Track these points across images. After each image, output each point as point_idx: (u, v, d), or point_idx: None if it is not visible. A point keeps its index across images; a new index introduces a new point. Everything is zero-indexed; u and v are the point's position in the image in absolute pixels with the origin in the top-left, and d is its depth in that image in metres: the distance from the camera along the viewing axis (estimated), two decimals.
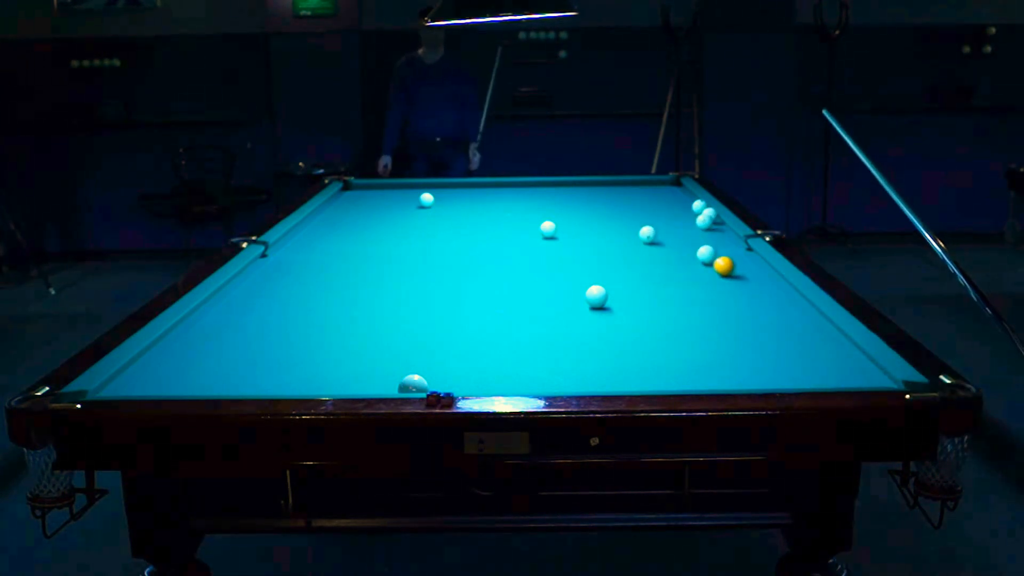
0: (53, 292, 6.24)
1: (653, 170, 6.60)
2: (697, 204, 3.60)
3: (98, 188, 7.25)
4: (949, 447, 1.69)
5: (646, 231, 3.17)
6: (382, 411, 1.70)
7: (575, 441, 1.68)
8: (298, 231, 3.45)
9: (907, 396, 1.71)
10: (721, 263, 2.72)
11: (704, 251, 2.85)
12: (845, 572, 1.95)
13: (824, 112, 3.34)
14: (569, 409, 1.69)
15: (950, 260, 2.66)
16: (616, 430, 1.68)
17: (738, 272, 2.73)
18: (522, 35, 7.25)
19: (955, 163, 7.16)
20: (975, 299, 2.62)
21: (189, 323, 2.32)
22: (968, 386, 1.72)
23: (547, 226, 3.30)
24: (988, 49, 7.25)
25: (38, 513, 1.72)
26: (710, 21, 6.83)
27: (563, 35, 7.26)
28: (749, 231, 3.14)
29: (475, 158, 6.03)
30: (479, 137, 6.03)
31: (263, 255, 3.03)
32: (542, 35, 7.26)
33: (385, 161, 6.03)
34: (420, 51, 6.01)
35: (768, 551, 2.23)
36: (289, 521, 1.92)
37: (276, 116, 7.16)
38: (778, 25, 6.87)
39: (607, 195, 4.21)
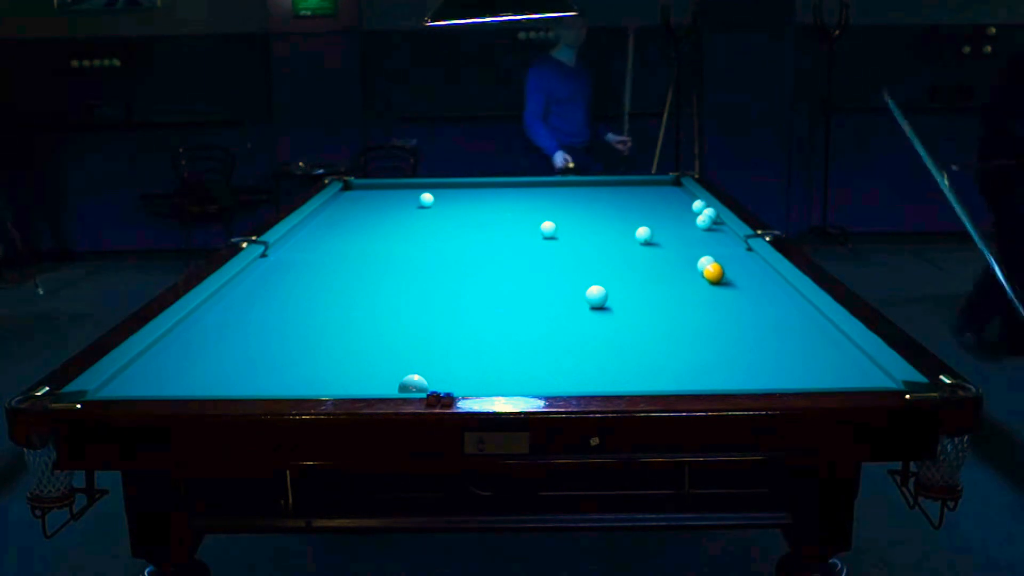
0: (41, 292, 6.24)
1: (653, 170, 6.60)
2: (697, 204, 3.59)
3: (98, 188, 7.25)
4: (949, 447, 1.69)
5: (642, 232, 3.17)
6: (382, 411, 1.70)
7: (575, 441, 1.68)
8: (298, 231, 3.45)
9: (907, 396, 1.71)
10: (711, 270, 2.62)
11: (705, 262, 2.72)
12: (845, 572, 1.95)
13: (886, 97, 3.25)
14: (569, 409, 1.69)
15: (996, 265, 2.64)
16: (616, 430, 1.68)
17: (738, 272, 2.72)
18: (522, 35, 7.26)
19: (955, 163, 7.15)
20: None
21: (189, 323, 2.31)
22: (968, 386, 1.72)
23: (547, 226, 3.30)
24: (988, 49, 7.25)
25: (38, 513, 1.72)
26: (710, 21, 6.84)
27: None
28: (749, 231, 3.14)
29: (626, 145, 5.76)
30: (626, 125, 5.80)
31: (263, 255, 3.03)
32: (542, 35, 7.26)
33: (563, 154, 5.44)
34: (554, 52, 5.65)
35: (768, 551, 2.23)
36: (289, 521, 1.92)
37: (276, 116, 7.16)
38: (778, 25, 6.87)
39: (607, 195, 4.20)
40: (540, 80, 5.57)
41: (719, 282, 2.62)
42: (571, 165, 5.40)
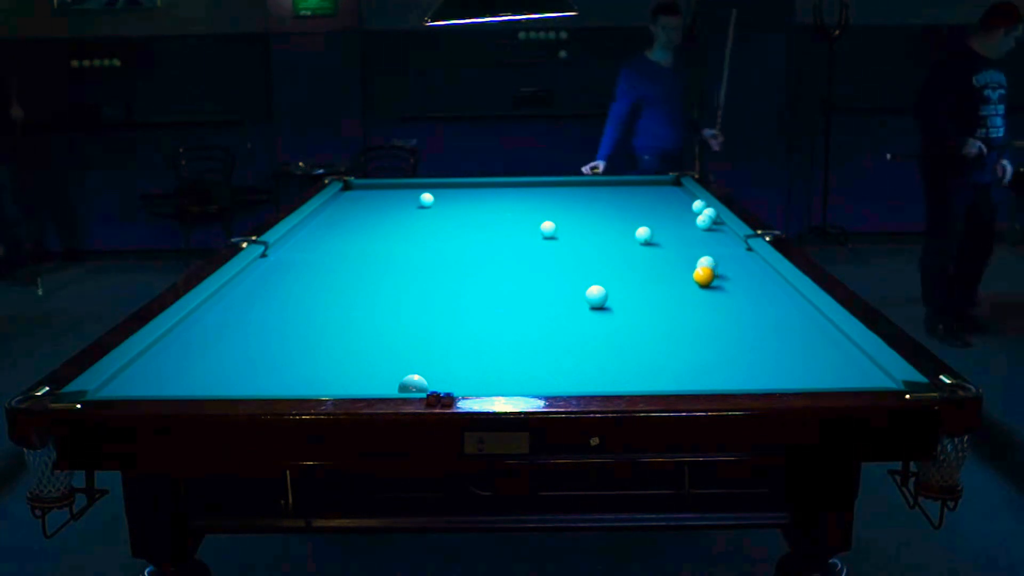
0: (41, 292, 6.24)
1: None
2: (697, 204, 3.59)
3: (99, 188, 7.25)
4: (949, 447, 1.69)
5: (642, 232, 3.17)
6: (382, 411, 1.70)
7: (575, 441, 1.68)
8: (298, 231, 3.45)
9: (907, 396, 1.71)
10: (700, 273, 2.60)
11: (703, 262, 2.70)
12: (845, 572, 1.95)
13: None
14: (569, 409, 1.69)
15: None
16: (616, 430, 1.68)
17: (738, 272, 2.72)
18: (522, 35, 7.26)
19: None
20: None
21: (189, 323, 2.32)
22: (968, 386, 1.72)
23: (547, 226, 3.30)
24: None
25: (38, 513, 1.72)
26: (710, 21, 6.83)
27: (563, 35, 7.25)
28: (749, 231, 3.14)
29: (717, 140, 5.53)
30: (720, 119, 5.56)
31: (263, 255, 3.03)
32: (542, 35, 7.26)
33: (594, 164, 5.22)
34: (649, 52, 5.38)
35: (768, 551, 2.23)
36: (289, 521, 1.92)
37: (276, 116, 7.16)
38: (778, 25, 6.87)
39: (607, 195, 4.21)
40: (630, 81, 5.33)
41: (708, 285, 2.61)
42: (599, 171, 5.21)
